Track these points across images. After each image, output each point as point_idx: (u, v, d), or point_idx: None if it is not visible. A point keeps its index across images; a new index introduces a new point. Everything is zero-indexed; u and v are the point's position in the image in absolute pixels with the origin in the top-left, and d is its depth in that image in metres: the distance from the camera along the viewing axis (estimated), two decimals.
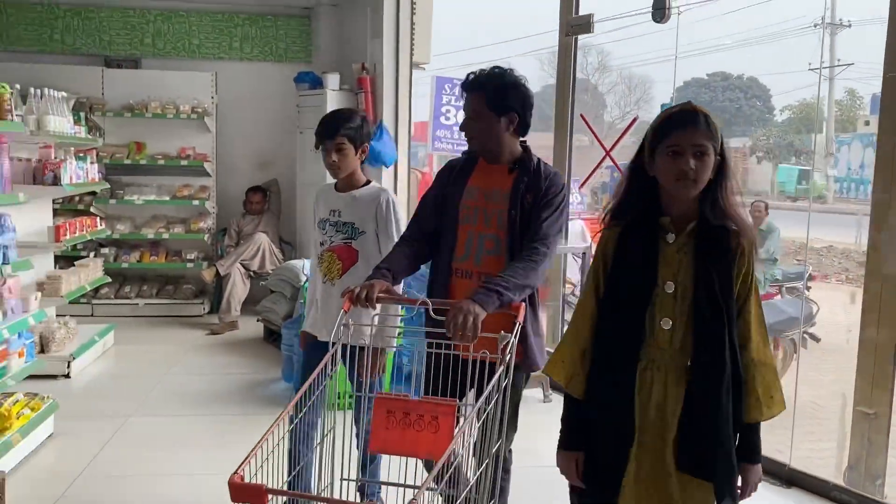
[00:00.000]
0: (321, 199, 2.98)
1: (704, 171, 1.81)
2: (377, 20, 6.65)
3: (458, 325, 2.04)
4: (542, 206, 2.40)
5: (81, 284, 5.41)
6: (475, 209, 2.47)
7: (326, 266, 2.89)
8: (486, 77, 2.44)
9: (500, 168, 2.49)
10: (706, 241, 1.85)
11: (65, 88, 6.88)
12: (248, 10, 7.50)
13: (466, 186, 2.50)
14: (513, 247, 2.41)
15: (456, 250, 2.48)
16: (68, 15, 7.24)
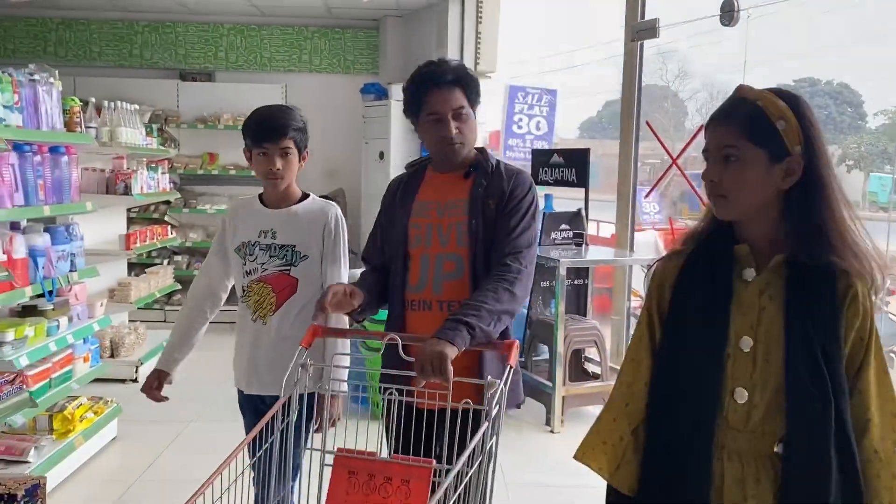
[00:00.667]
0: (239, 217, 2.41)
1: (737, 183, 1.36)
2: (442, 30, 6.65)
3: (425, 373, 1.71)
4: (509, 213, 2.03)
5: (151, 291, 5.57)
6: (427, 227, 2.09)
7: (255, 301, 2.34)
8: (458, 69, 2.09)
9: (453, 176, 2.12)
10: (800, 281, 1.37)
11: (142, 101, 7.18)
12: (317, 24, 7.62)
13: (414, 203, 2.12)
14: (477, 266, 2.04)
15: (409, 278, 2.11)
16: (146, 30, 7.52)
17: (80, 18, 7.39)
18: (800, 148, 1.35)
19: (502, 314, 1.90)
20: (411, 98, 2.09)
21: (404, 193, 2.17)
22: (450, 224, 2.08)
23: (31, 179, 3.38)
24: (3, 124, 3.11)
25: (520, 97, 10.85)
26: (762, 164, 1.36)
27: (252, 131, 2.30)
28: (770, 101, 1.36)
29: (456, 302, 2.01)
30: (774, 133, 1.35)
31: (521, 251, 2.00)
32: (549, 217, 5.11)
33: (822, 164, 1.36)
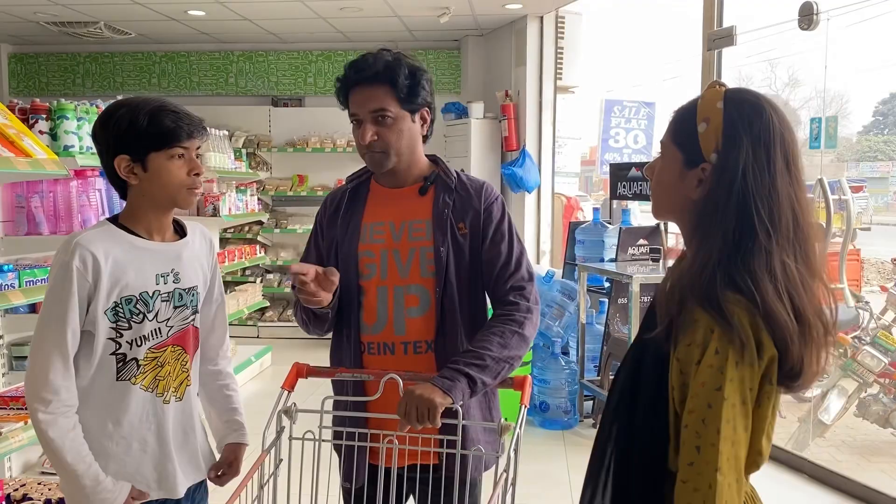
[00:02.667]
0: (110, 260, 1.64)
1: (655, 183, 1.28)
2: (520, 47, 6.68)
3: (409, 418, 1.53)
4: (495, 238, 1.78)
5: (240, 308, 5.83)
6: (382, 254, 1.78)
7: (165, 373, 1.73)
8: (389, 63, 1.74)
9: (406, 191, 1.82)
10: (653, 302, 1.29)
11: (237, 127, 7.57)
12: (402, 46, 7.73)
13: (362, 225, 1.81)
14: (445, 300, 1.76)
15: (364, 317, 1.79)
16: (241, 60, 7.91)
17: (182, 51, 7.87)
18: (715, 157, 1.19)
19: (510, 361, 1.68)
20: (338, 94, 1.80)
21: (347, 212, 1.84)
22: (410, 250, 1.77)
23: (116, 203, 3.63)
24: (90, 152, 3.36)
25: (616, 111, 10.70)
26: (677, 166, 1.23)
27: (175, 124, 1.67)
28: (707, 101, 1.21)
29: (423, 342, 1.76)
30: (693, 135, 1.20)
31: (524, 286, 1.77)
32: (626, 232, 5.01)
33: (726, 181, 1.17)
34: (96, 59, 8.00)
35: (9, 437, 1.99)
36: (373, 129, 1.72)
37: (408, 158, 1.79)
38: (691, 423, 1.11)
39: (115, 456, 1.68)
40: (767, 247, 1.15)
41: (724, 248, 1.16)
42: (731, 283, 1.14)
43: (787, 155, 1.18)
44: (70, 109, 3.26)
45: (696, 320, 1.14)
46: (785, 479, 4.08)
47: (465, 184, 1.83)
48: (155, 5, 6.24)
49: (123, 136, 1.64)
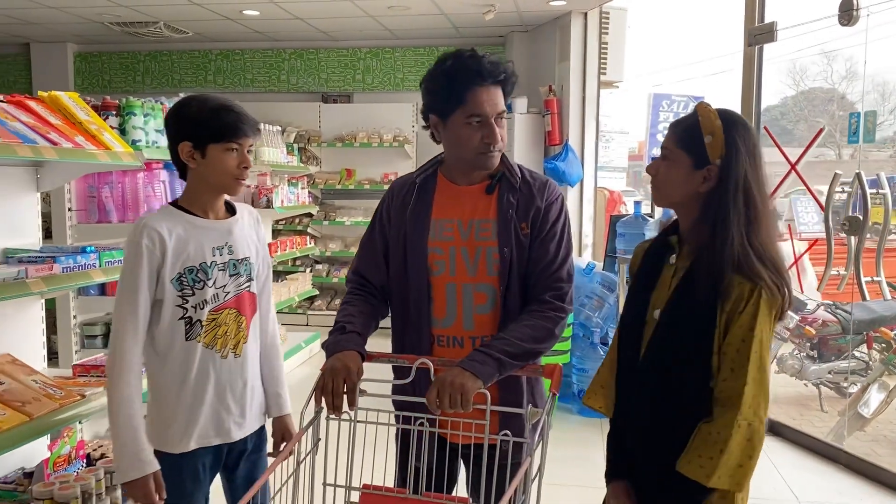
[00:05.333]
0: (173, 237, 1.89)
1: (664, 178, 1.63)
2: (564, 43, 6.77)
3: (442, 403, 1.56)
4: (547, 237, 1.83)
5: (291, 296, 6.08)
6: (451, 251, 1.83)
7: (223, 332, 1.96)
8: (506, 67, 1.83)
9: (474, 188, 1.86)
10: (696, 269, 1.58)
11: (288, 123, 7.83)
12: (447, 43, 7.96)
13: (431, 221, 1.85)
14: (509, 298, 1.82)
15: (434, 312, 1.84)
16: (293, 57, 8.17)
17: (236, 49, 8.17)
18: (720, 161, 1.58)
19: (537, 354, 1.77)
20: (446, 92, 1.79)
21: (416, 206, 1.87)
22: (477, 249, 1.82)
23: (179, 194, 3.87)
24: (155, 146, 3.61)
25: (664, 105, 10.68)
26: (686, 166, 1.61)
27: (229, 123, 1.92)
28: (707, 119, 1.60)
29: (489, 337, 1.79)
30: (700, 144, 1.59)
31: (563, 286, 1.82)
32: (664, 225, 5.09)
33: (731, 178, 1.58)
34: (156, 57, 8.35)
35: (92, 400, 2.22)
36: (499, 130, 1.78)
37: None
38: (730, 352, 1.55)
39: (185, 407, 1.92)
40: (763, 223, 1.60)
41: (739, 228, 1.57)
42: (754, 254, 1.56)
43: (762, 159, 1.65)
44: (137, 106, 3.50)
45: (737, 284, 1.55)
46: (820, 468, 4.15)
47: (529, 182, 1.87)
48: (211, 5, 6.51)
49: (190, 126, 1.91)
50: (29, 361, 2.36)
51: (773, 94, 22.61)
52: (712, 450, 1.52)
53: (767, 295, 1.54)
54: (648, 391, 1.63)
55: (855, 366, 5.75)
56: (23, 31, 7.72)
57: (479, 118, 1.76)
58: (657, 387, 1.61)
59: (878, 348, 5.54)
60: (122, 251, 1.94)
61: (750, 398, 1.52)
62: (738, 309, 1.54)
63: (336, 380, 1.62)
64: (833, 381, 5.73)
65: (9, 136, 2.03)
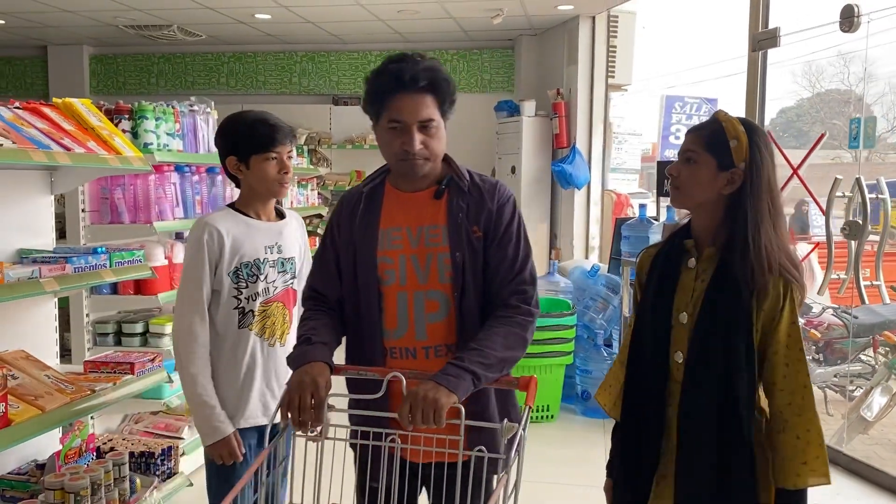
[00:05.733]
0: (230, 235, 2.14)
1: (688, 179, 1.70)
2: (573, 46, 6.83)
3: (414, 418, 1.50)
4: (503, 240, 1.79)
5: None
6: (401, 260, 1.79)
7: (272, 323, 2.21)
8: (435, 73, 1.77)
9: (422, 195, 1.82)
10: (727, 271, 1.66)
11: (299, 125, 7.93)
12: (456, 46, 8.04)
13: (379, 230, 1.81)
14: (464, 304, 1.77)
15: (385, 323, 1.80)
16: (304, 60, 8.27)
17: (248, 52, 8.28)
18: (744, 164, 1.67)
19: (510, 362, 1.70)
20: (371, 96, 1.78)
21: (364, 216, 1.83)
22: (428, 255, 1.78)
23: (189, 196, 3.96)
24: (166, 149, 3.70)
25: (677, 107, 10.69)
26: (711, 168, 1.69)
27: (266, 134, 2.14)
28: (731, 124, 1.69)
29: (443, 346, 1.78)
30: (726, 147, 1.68)
31: (527, 289, 1.77)
32: (669, 228, 5.13)
33: (758, 181, 1.66)
34: (169, 59, 8.48)
35: (101, 395, 2.31)
36: (420, 136, 1.72)
37: (438, 164, 1.81)
38: (780, 349, 1.65)
39: (235, 388, 2.16)
40: (783, 224, 1.70)
41: (770, 230, 1.66)
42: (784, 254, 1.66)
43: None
44: (149, 110, 3.59)
45: (775, 285, 1.64)
46: None
47: (479, 185, 1.82)
48: (224, 9, 6.62)
49: (232, 142, 2.17)
50: (42, 357, 2.45)
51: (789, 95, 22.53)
52: (813, 450, 1.62)
53: (798, 292, 1.66)
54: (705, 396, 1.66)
55: (860, 369, 5.78)
56: (40, 34, 7.87)
57: (398, 124, 1.73)
58: (715, 390, 1.65)
59: (882, 352, 5.56)
60: (132, 252, 2.04)
61: (812, 392, 1.65)
62: (777, 306, 1.64)
63: (303, 395, 1.56)
64: (839, 385, 5.75)
65: (25, 142, 2.12)
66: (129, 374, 2.48)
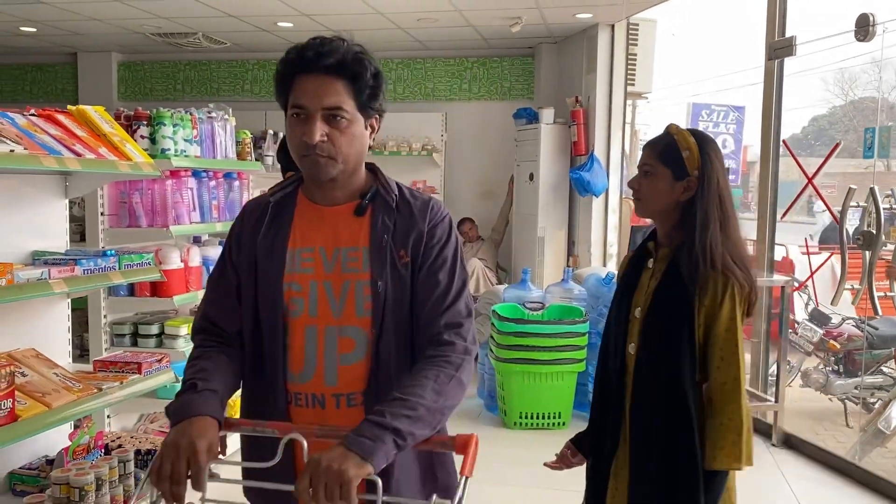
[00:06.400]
0: None
1: (647, 191, 1.86)
2: (591, 55, 6.84)
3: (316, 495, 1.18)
4: (435, 266, 1.50)
5: None
6: (312, 287, 1.49)
7: None
8: (357, 56, 1.47)
9: (341, 210, 1.54)
10: (673, 269, 1.81)
11: None
12: (476, 54, 8.08)
13: (287, 249, 1.52)
14: (382, 344, 1.48)
15: (290, 363, 1.49)
16: None
17: (272, 59, 8.39)
18: (697, 172, 1.83)
19: (445, 412, 1.39)
20: (277, 80, 1.50)
21: (270, 231, 1.54)
22: (345, 283, 1.48)
23: (206, 201, 4.05)
24: (183, 154, 3.79)
25: (704, 115, 10.64)
26: (668, 178, 1.85)
27: None
28: (682, 137, 1.86)
29: (358, 395, 1.48)
30: (679, 158, 1.84)
31: (462, 322, 1.49)
32: None
33: (708, 187, 1.81)
34: (195, 66, 8.64)
35: (108, 394, 2.39)
36: (324, 127, 1.43)
37: (352, 169, 1.52)
38: (718, 342, 1.78)
39: None
40: (733, 225, 1.83)
41: (716, 231, 1.79)
42: (728, 253, 1.78)
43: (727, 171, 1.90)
44: (167, 117, 3.69)
45: (715, 281, 1.77)
46: (834, 483, 4.14)
47: (409, 201, 1.55)
48: (247, 18, 6.74)
49: (289, 159, 2.12)
50: (55, 357, 2.53)
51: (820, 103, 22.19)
52: (731, 437, 1.76)
53: (738, 290, 1.78)
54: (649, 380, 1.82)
55: (882, 381, 5.70)
56: (71, 42, 8.06)
57: (300, 111, 1.44)
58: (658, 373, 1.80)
59: None
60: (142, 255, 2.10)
61: (741, 384, 1.79)
62: (716, 303, 1.78)
63: (176, 461, 1.25)
64: (859, 397, 5.68)
65: (36, 147, 2.20)
66: (137, 374, 2.55)
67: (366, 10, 6.32)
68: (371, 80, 1.48)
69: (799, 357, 5.92)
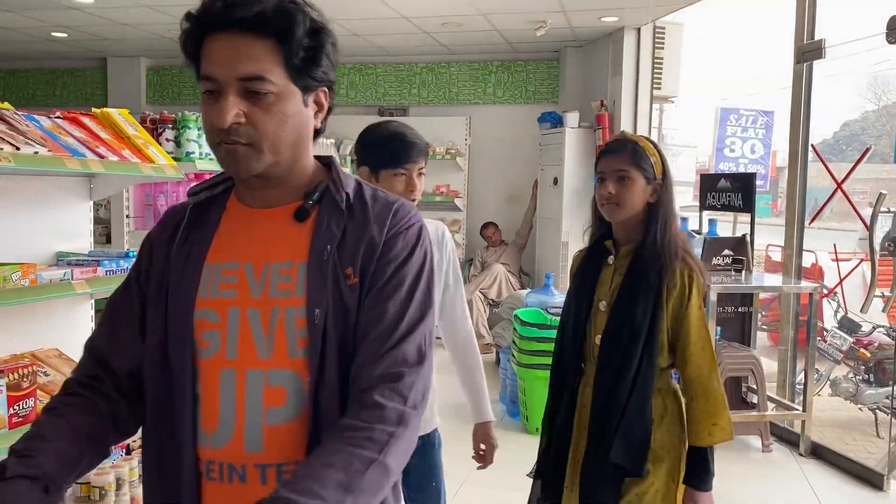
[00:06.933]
0: None
1: (627, 195, 1.94)
2: (617, 58, 6.80)
3: None
4: (386, 290, 1.11)
5: None
6: (233, 316, 1.12)
7: None
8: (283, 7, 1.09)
9: (277, 213, 1.17)
10: (639, 264, 1.93)
11: (346, 136, 8.05)
12: (501, 58, 8.07)
13: (204, 266, 1.15)
14: (323, 398, 1.10)
15: (202, 419, 1.12)
16: (352, 72, 8.41)
17: None
18: (660, 177, 1.98)
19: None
20: (183, 45, 1.15)
21: (185, 243, 1.18)
22: (273, 311, 1.11)
23: None
24: (208, 157, 3.81)
25: (732, 119, 10.54)
26: (641, 182, 1.96)
27: (398, 149, 2.07)
28: (645, 143, 1.99)
29: (291, 465, 1.10)
30: (649, 163, 1.96)
31: (403, 374, 1.07)
32: (711, 242, 5.07)
33: (669, 189, 1.98)
34: None
35: None
36: (240, 104, 1.07)
37: (288, 161, 1.14)
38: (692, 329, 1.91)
39: None
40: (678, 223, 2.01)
41: (677, 229, 1.97)
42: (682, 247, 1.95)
43: None
44: (192, 120, 3.71)
45: (682, 272, 1.91)
46: (861, 494, 4.05)
47: (366, 202, 1.17)
48: None
49: (365, 153, 2.15)
50: (77, 357, 2.54)
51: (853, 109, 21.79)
52: (722, 412, 1.89)
53: (700, 279, 1.93)
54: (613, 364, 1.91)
55: None
56: (100, 47, 8.19)
57: (209, 84, 1.09)
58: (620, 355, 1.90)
59: None
60: None
61: (716, 364, 1.93)
62: (685, 293, 1.91)
63: None
64: (890, 406, 5.56)
65: (60, 149, 2.22)
66: None
67: (391, 14, 6.34)
68: (307, 39, 1.09)
69: (828, 365, 5.81)
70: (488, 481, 2.78)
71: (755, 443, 4.65)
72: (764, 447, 4.59)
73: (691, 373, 1.92)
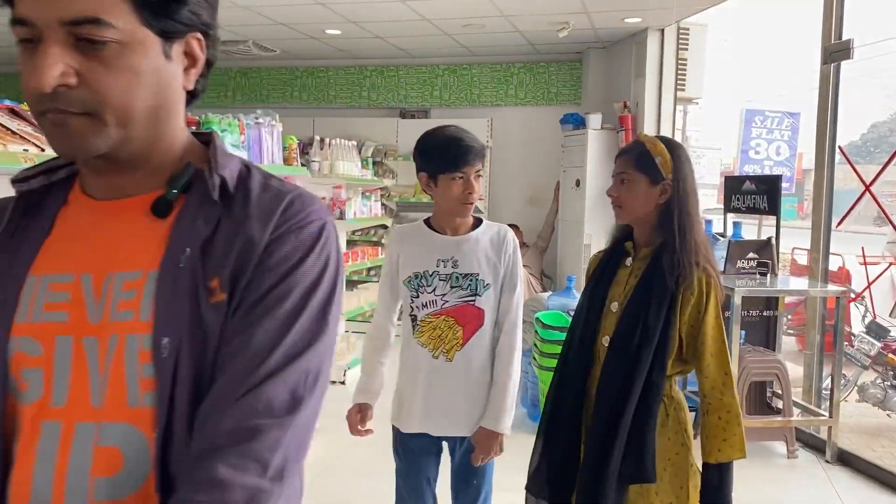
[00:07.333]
0: (409, 243, 2.25)
1: (627, 197, 1.95)
2: (640, 59, 6.75)
3: None
4: (259, 308, 0.83)
5: (360, 304, 6.27)
6: (60, 348, 0.84)
7: (438, 335, 2.19)
8: None
9: (130, 204, 0.89)
10: (656, 267, 1.90)
11: (368, 137, 8.08)
12: (523, 60, 8.04)
13: (27, 278, 0.87)
14: (174, 460, 0.81)
15: (12, 486, 0.84)
16: (373, 75, 8.43)
17: (320, 67, 8.49)
18: (671, 176, 1.92)
19: None
20: None
21: (8, 247, 0.90)
22: (111, 339, 0.84)
23: None
24: None
25: (757, 121, 10.44)
26: (644, 184, 1.94)
27: (455, 153, 2.13)
28: (653, 144, 1.95)
29: None
30: (653, 164, 1.93)
31: (261, 427, 0.79)
32: (736, 245, 5.01)
33: (684, 189, 1.91)
34: (245, 73, 8.78)
35: None
36: (68, 58, 0.79)
37: (146, 136, 0.87)
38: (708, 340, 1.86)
39: (406, 392, 2.28)
40: (701, 226, 1.94)
41: (693, 232, 1.89)
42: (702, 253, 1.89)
43: None
44: (215, 122, 3.75)
45: (700, 279, 1.87)
46: (890, 502, 3.98)
47: (250, 191, 0.90)
48: (296, 25, 6.82)
49: (423, 159, 2.21)
50: None
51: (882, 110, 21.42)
52: (735, 428, 1.84)
53: (718, 287, 1.89)
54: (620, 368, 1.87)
55: None
56: None
57: (23, 30, 0.80)
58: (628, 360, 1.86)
59: None
60: None
61: (732, 376, 1.88)
62: (702, 301, 1.86)
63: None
64: None
65: None
66: None
67: (413, 16, 6.34)
68: None
69: (855, 371, 5.72)
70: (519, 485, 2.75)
71: (780, 449, 4.58)
72: (789, 453, 4.52)
73: (707, 385, 1.88)
